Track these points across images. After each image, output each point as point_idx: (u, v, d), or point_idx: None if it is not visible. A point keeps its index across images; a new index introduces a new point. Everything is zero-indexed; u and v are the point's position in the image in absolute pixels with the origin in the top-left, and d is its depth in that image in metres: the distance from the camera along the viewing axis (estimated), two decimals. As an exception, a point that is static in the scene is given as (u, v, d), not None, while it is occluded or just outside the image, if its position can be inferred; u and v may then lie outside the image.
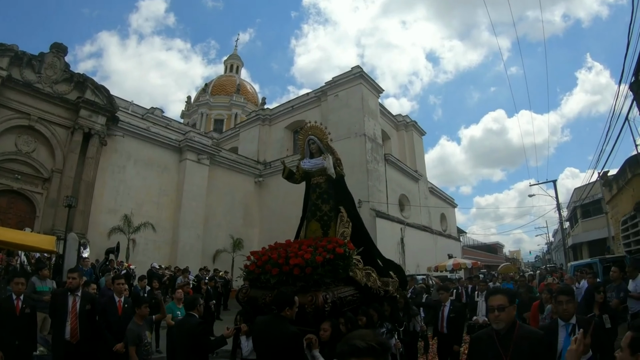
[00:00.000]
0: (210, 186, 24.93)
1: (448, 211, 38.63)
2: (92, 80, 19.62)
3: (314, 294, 4.09)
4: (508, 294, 2.80)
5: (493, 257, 55.37)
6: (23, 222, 16.41)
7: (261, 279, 4.68)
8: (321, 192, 5.57)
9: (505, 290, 3.14)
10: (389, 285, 5.37)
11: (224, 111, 44.13)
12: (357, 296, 4.68)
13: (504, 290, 3.15)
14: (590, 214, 28.11)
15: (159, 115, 34.01)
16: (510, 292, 2.90)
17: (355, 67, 26.87)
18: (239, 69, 50.56)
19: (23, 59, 17.30)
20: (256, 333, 3.41)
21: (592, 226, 27.33)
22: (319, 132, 5.80)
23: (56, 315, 4.93)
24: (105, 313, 5.18)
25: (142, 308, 4.69)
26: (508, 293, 2.84)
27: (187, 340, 4.19)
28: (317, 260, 4.27)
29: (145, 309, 4.70)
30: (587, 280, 8.05)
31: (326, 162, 5.35)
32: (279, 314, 3.23)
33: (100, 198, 19.70)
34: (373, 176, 24.51)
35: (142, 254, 20.09)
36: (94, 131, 18.94)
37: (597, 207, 26.06)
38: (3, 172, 16.62)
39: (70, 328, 4.87)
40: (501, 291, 2.95)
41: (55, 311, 4.96)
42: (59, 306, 4.97)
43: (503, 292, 2.86)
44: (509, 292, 2.88)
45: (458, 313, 6.66)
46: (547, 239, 55.56)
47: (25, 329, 4.89)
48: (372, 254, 5.62)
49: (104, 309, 5.23)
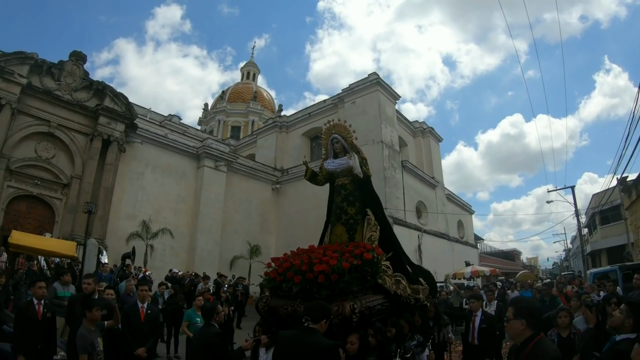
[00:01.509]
0: (228, 193, 24.92)
1: (465, 218, 38.28)
2: (111, 87, 19.80)
3: (341, 304, 3.75)
4: (515, 307, 2.62)
5: (510, 264, 54.42)
6: (42, 227, 16.56)
7: (282, 288, 4.36)
8: (346, 194, 5.23)
9: (515, 302, 2.95)
10: (420, 293, 4.98)
11: (241, 118, 44.38)
12: (386, 305, 4.30)
13: (514, 301, 3.07)
14: (609, 220, 27.80)
15: (177, 122, 34.35)
16: (518, 305, 2.67)
17: (372, 74, 26.86)
18: (256, 76, 50.93)
19: (43, 67, 17.54)
20: (282, 348, 3.08)
21: (611, 232, 26.97)
22: (343, 130, 5.48)
23: (75, 319, 4.87)
24: (128, 319, 5.21)
25: (93, 311, 4.27)
26: (516, 306, 2.64)
27: (205, 351, 3.94)
28: (343, 266, 3.93)
29: (96, 312, 4.28)
30: (608, 289, 7.64)
31: (352, 161, 5.00)
32: (311, 327, 2.90)
33: (119, 204, 19.81)
34: (390, 183, 24.33)
35: (159, 260, 20.10)
36: (112, 138, 19.08)
37: (616, 213, 25.91)
38: (23, 178, 16.76)
39: None
40: (511, 303, 2.85)
41: (73, 317, 4.91)
42: (76, 311, 4.91)
43: (511, 304, 2.74)
44: (517, 305, 2.67)
45: (490, 324, 6.27)
46: (565, 245, 54.47)
47: (46, 333, 4.90)
48: (402, 259, 5.23)
49: (128, 315, 5.27)
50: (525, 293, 11.92)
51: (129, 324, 5.17)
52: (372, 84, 26.36)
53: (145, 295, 5.60)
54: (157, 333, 5.82)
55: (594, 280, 11.61)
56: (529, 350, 2.46)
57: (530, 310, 2.62)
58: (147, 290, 5.75)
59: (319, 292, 3.93)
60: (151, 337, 5.28)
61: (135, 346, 4.95)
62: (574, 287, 11.52)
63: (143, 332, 5.16)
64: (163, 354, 8.00)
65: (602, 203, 23.58)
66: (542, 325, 2.61)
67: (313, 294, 3.97)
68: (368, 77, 26.90)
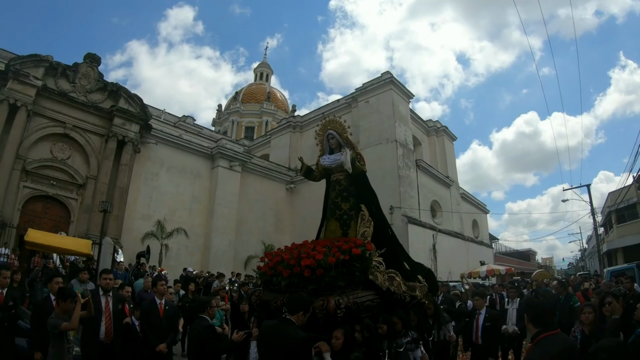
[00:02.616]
0: (242, 193, 25.10)
1: (480, 217, 37.86)
2: (125, 89, 20.12)
3: (326, 298, 3.74)
4: (524, 303, 2.65)
5: (525, 264, 53.41)
6: (58, 226, 16.88)
7: (273, 282, 4.37)
8: (341, 190, 5.21)
9: (525, 299, 2.97)
10: (416, 290, 4.89)
11: (255, 119, 44.68)
12: (377, 302, 4.24)
13: (525, 299, 3.08)
14: (625, 219, 27.35)
15: (191, 123, 34.74)
16: (526, 301, 2.71)
17: (385, 73, 26.87)
18: (269, 77, 51.19)
19: (58, 69, 17.91)
20: (261, 337, 3.09)
21: (628, 231, 26.53)
22: (338, 126, 5.46)
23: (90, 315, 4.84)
24: (147, 315, 5.26)
25: (67, 302, 4.27)
26: (525, 302, 2.68)
27: (197, 344, 3.97)
28: (329, 261, 3.91)
29: (70, 303, 4.26)
30: (624, 286, 7.42)
31: (343, 156, 5.01)
32: (288, 318, 2.90)
33: (134, 204, 20.13)
34: (405, 182, 24.23)
35: (174, 259, 20.31)
36: (127, 139, 19.39)
37: (633, 211, 25.71)
38: (39, 179, 17.15)
39: (105, 328, 4.86)
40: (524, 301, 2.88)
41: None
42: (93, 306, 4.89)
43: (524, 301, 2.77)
44: (525, 301, 2.71)
45: (494, 322, 6.15)
46: (581, 245, 53.20)
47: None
48: (398, 256, 5.16)
49: (146, 311, 5.32)
50: (542, 292, 11.69)
51: (148, 320, 5.20)
52: (385, 83, 26.37)
53: (163, 290, 5.61)
54: (176, 328, 5.84)
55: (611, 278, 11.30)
56: (532, 346, 2.51)
57: (533, 306, 2.66)
58: (164, 284, 5.73)
59: (305, 286, 3.93)
60: (170, 333, 5.31)
61: (155, 342, 4.97)
62: (591, 285, 11.25)
63: (162, 328, 5.18)
64: (178, 352, 8.06)
65: (618, 202, 23.24)
66: (547, 323, 2.54)
67: (300, 288, 3.96)
68: (381, 76, 26.94)
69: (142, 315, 5.35)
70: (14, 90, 16.19)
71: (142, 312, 5.42)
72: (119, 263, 13.39)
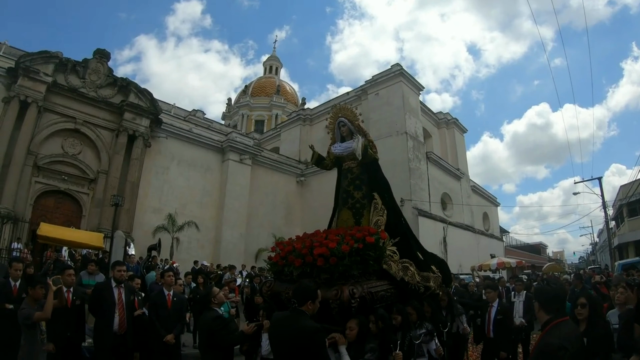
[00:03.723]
0: (253, 186, 25.16)
1: (491, 210, 37.54)
2: (135, 84, 20.23)
3: (340, 288, 3.62)
4: (534, 290, 2.86)
5: (536, 257, 52.99)
6: (70, 221, 17.04)
7: (285, 272, 4.29)
8: (353, 178, 5.09)
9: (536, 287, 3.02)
10: (430, 281, 4.76)
11: (265, 112, 44.65)
12: (391, 292, 4.12)
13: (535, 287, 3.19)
14: (637, 212, 27.29)
15: (201, 117, 34.86)
16: (536, 288, 2.92)
17: (395, 65, 26.67)
18: (278, 70, 51.07)
19: (67, 65, 18.04)
20: (272, 329, 3.01)
21: (639, 225, 26.40)
22: (349, 113, 5.32)
23: (103, 306, 4.90)
24: (155, 306, 5.29)
25: (36, 289, 4.09)
26: (535, 289, 2.90)
27: (207, 336, 3.92)
28: (343, 249, 3.80)
29: (39, 290, 4.08)
30: (636, 278, 7.22)
31: (354, 143, 4.89)
32: (299, 309, 2.82)
33: (145, 198, 20.28)
34: (415, 174, 24.07)
35: (185, 252, 20.42)
36: (138, 133, 19.50)
37: None
38: (50, 174, 17.35)
39: (118, 319, 4.88)
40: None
41: (103, 302, 4.92)
42: (106, 297, 4.95)
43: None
44: (535, 289, 2.91)
45: (506, 314, 6.01)
46: (592, 239, 52.50)
47: (75, 321, 5.00)
48: (411, 245, 5.01)
49: (155, 302, 5.36)
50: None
51: (156, 311, 5.22)
52: (395, 75, 26.17)
53: (171, 282, 5.64)
54: (183, 320, 5.86)
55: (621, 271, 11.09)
56: (544, 332, 2.46)
57: (544, 293, 2.64)
58: (172, 276, 5.75)
59: (318, 276, 3.84)
60: (178, 324, 5.32)
61: (163, 333, 5.00)
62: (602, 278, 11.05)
63: (170, 319, 5.21)
64: (189, 344, 8.07)
65: (630, 195, 23.06)
66: (559, 309, 2.50)
67: (313, 278, 3.86)
68: (391, 68, 26.75)
69: (150, 306, 5.37)
70: (24, 86, 16.36)
71: (150, 303, 5.46)
72: (131, 256, 13.49)
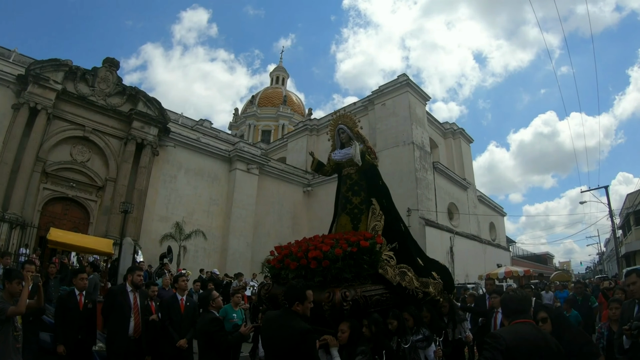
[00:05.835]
0: (260, 195, 25.30)
1: (497, 220, 37.54)
2: (143, 92, 20.51)
3: (332, 291, 3.67)
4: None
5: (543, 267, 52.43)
6: (77, 228, 17.20)
7: (282, 275, 4.35)
8: (352, 184, 5.15)
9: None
10: (430, 287, 4.77)
11: (271, 122, 45.03)
12: (387, 296, 4.16)
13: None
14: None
15: (208, 127, 35.18)
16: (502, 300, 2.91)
17: (402, 75, 26.94)
18: (285, 81, 51.60)
19: (77, 73, 18.37)
20: (264, 328, 3.04)
21: None
22: (349, 120, 5.41)
23: (119, 311, 4.94)
24: (169, 311, 5.34)
25: (13, 283, 3.80)
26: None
27: (205, 338, 3.97)
28: (336, 252, 3.85)
29: (16, 285, 3.79)
30: None
31: (352, 149, 4.96)
32: (289, 309, 2.85)
33: (153, 206, 20.46)
34: (422, 184, 24.09)
35: (192, 261, 20.52)
36: (146, 142, 19.74)
37: None
38: (59, 180, 17.57)
39: (134, 323, 4.93)
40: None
41: (118, 307, 4.97)
42: (121, 302, 4.99)
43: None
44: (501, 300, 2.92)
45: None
46: (599, 248, 51.77)
47: (87, 324, 5.05)
48: (410, 251, 5.03)
49: (167, 307, 5.41)
50: (561, 294, 11.45)
51: (169, 316, 5.27)
52: (401, 86, 26.42)
53: (185, 287, 5.73)
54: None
55: (628, 278, 10.95)
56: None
57: (502, 301, 2.83)
58: (185, 280, 5.84)
59: (312, 279, 3.88)
60: (191, 329, 5.31)
61: (176, 337, 5.04)
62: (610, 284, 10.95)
63: (183, 324, 5.25)
64: (197, 350, 8.12)
65: (637, 203, 23.00)
66: (516, 311, 2.63)
67: (307, 281, 3.89)
68: (397, 78, 27.01)
69: (162, 311, 5.43)
70: (34, 94, 16.66)
71: (163, 307, 5.50)
72: (140, 263, 13.59)
